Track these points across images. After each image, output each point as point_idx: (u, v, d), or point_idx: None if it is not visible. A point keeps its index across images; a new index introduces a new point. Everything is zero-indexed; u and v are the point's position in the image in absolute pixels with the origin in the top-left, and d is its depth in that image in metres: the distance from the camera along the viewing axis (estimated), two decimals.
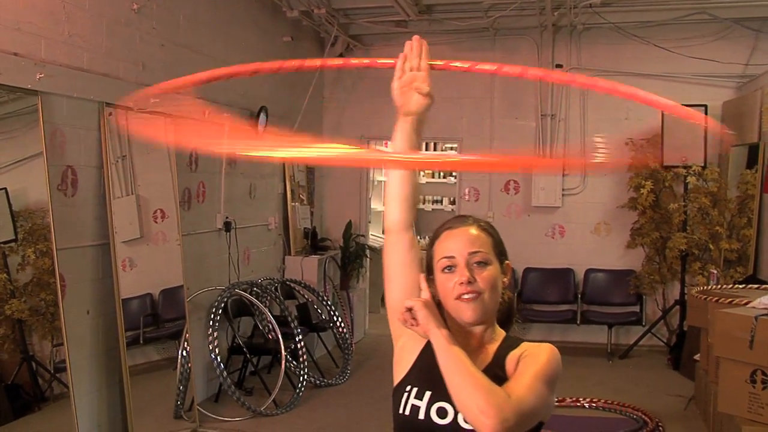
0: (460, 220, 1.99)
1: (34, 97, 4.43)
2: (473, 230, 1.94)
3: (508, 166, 1.82)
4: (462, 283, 1.87)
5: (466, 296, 1.87)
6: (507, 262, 1.98)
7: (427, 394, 1.87)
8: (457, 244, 1.92)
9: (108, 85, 5.10)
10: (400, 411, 1.89)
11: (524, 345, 1.92)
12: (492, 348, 1.94)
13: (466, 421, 1.80)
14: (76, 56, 4.82)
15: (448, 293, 1.90)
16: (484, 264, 1.90)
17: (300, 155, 1.93)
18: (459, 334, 1.90)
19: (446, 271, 1.91)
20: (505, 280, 1.96)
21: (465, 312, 1.88)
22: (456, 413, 1.82)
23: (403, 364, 1.97)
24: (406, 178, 1.95)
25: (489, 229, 1.98)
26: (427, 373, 1.90)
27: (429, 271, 1.98)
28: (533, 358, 1.84)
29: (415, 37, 1.90)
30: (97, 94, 4.98)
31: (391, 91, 1.90)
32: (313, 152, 1.94)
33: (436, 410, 1.84)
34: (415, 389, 1.89)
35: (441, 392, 1.84)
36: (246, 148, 1.80)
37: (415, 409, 1.86)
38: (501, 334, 1.98)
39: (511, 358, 1.88)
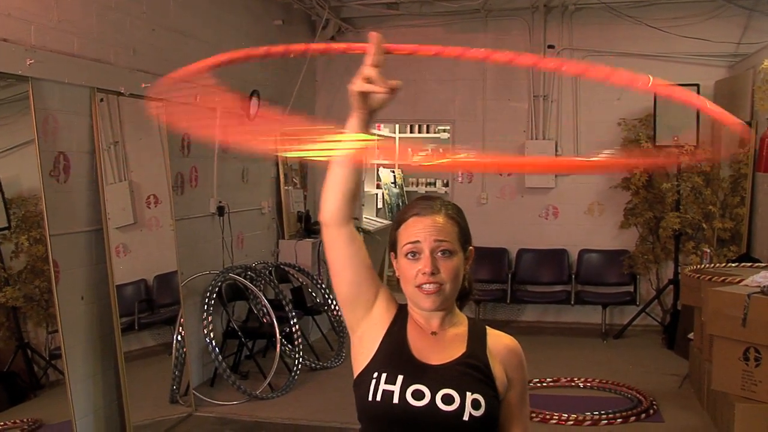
0: (428, 205, 1.94)
1: (25, 83, 4.40)
2: (441, 218, 1.90)
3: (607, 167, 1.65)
4: (425, 273, 1.86)
5: (427, 287, 1.87)
6: (471, 248, 1.98)
7: (400, 377, 1.84)
8: (423, 233, 1.89)
9: (99, 70, 5.07)
10: (370, 398, 1.85)
11: (493, 335, 1.99)
12: (460, 333, 1.96)
13: (443, 402, 1.81)
14: (67, 41, 4.79)
15: (409, 279, 1.90)
16: (449, 254, 1.88)
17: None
18: (420, 316, 1.95)
19: (410, 257, 1.90)
20: (467, 267, 1.97)
21: (424, 301, 1.89)
22: (433, 395, 1.81)
23: (364, 352, 1.93)
24: (352, 170, 1.85)
25: (456, 217, 1.95)
26: (395, 357, 1.89)
27: (392, 249, 1.98)
28: (524, 383, 1.98)
29: (373, 34, 1.68)
30: (88, 79, 4.96)
31: (351, 88, 1.71)
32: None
33: (412, 393, 1.82)
34: (384, 374, 1.86)
35: (414, 375, 1.85)
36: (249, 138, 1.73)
37: (388, 394, 1.83)
38: (462, 317, 2.00)
39: (494, 356, 1.92)
